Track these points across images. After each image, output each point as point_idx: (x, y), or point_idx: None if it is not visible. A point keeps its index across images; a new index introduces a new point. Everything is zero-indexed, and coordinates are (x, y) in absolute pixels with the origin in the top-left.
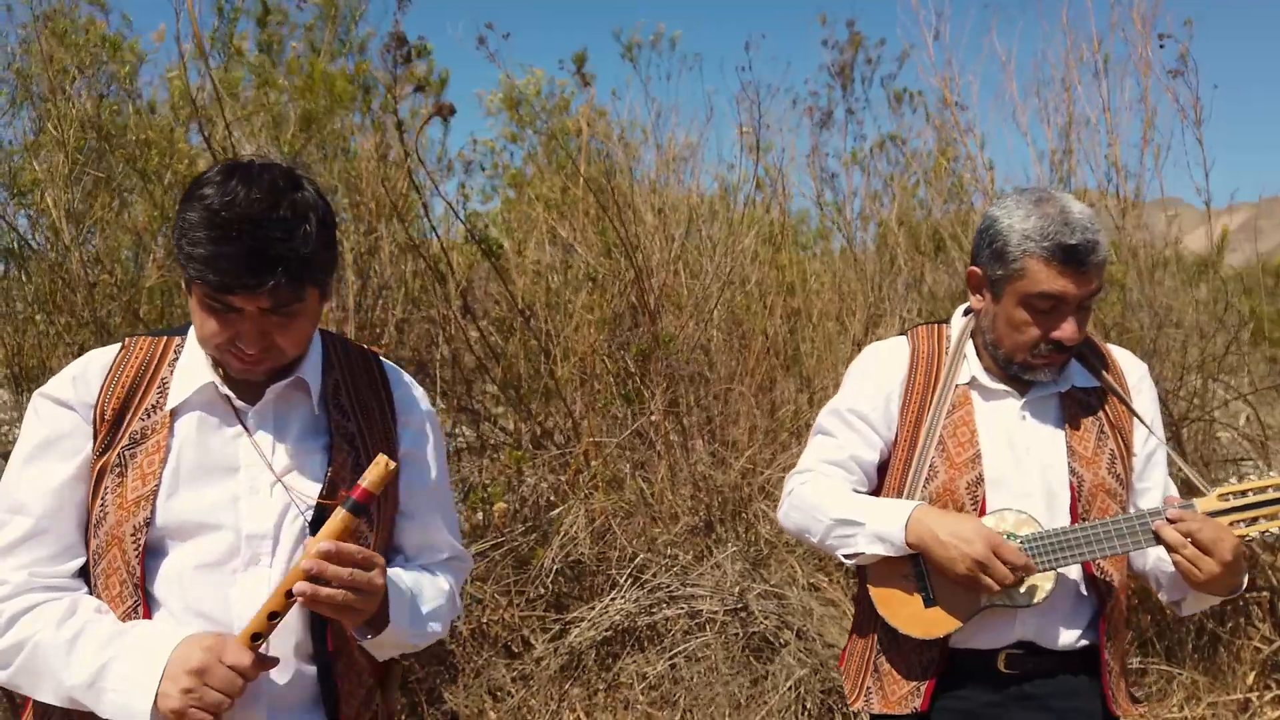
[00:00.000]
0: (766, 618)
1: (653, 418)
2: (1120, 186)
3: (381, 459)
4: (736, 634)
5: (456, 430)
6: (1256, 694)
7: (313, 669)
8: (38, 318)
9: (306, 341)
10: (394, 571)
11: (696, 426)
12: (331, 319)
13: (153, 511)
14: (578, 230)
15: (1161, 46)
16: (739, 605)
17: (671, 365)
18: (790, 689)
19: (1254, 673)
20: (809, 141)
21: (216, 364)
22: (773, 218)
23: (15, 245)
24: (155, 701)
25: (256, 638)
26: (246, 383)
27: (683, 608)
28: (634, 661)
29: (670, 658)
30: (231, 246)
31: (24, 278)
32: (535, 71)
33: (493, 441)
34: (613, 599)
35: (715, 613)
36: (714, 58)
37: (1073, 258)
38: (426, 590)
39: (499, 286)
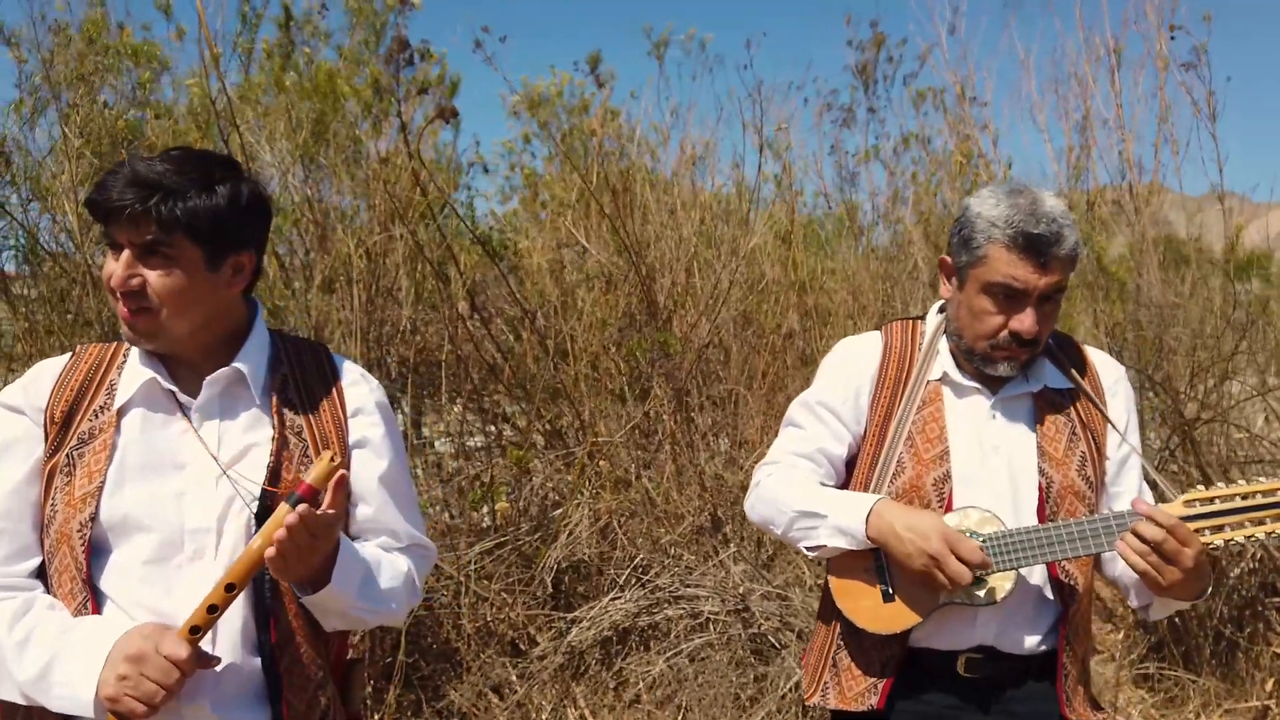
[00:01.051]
0: (767, 619)
1: (664, 418)
2: (1133, 182)
3: (326, 455)
4: (737, 634)
5: (465, 430)
6: (1275, 702)
7: (257, 661)
8: (52, 316)
9: (184, 304)
10: (354, 544)
11: (707, 426)
12: (339, 319)
13: (97, 508)
14: (591, 230)
15: (1173, 38)
16: (740, 606)
17: (666, 365)
18: (791, 690)
19: (1272, 680)
20: (821, 140)
21: (161, 359)
22: (786, 216)
23: (31, 246)
24: (98, 690)
25: (195, 630)
26: (190, 377)
27: (683, 608)
28: (634, 661)
29: (670, 657)
30: (117, 175)
31: (36, 277)
32: (560, 74)
33: (501, 442)
34: (613, 598)
35: (716, 613)
36: (736, 59)
37: (1034, 246)
38: (384, 568)
39: (511, 286)
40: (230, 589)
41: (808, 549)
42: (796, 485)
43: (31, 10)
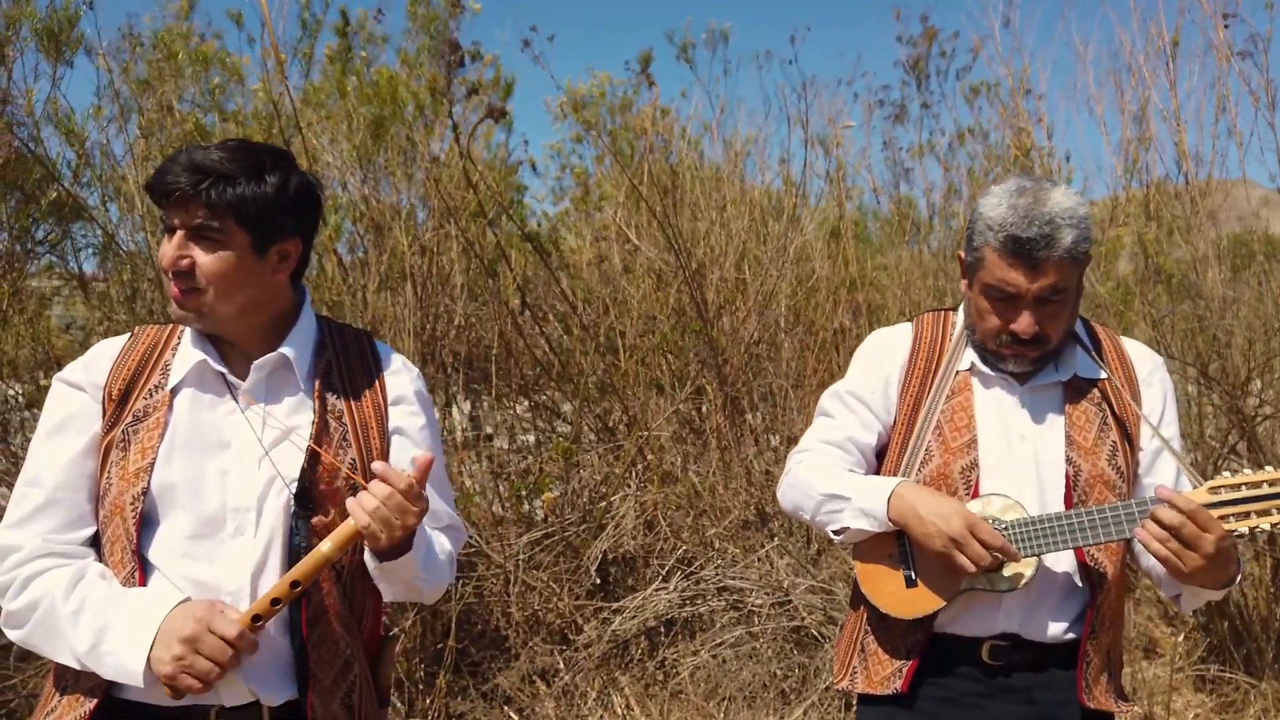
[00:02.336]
0: (811, 612)
1: (711, 413)
2: (1189, 174)
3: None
4: (780, 627)
5: (516, 423)
6: None
7: (287, 637)
8: (125, 312)
9: (229, 286)
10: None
11: (756, 422)
12: (394, 315)
13: (149, 482)
14: (641, 228)
15: (1226, 27)
16: (784, 599)
17: (712, 360)
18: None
19: None
20: (870, 136)
21: (212, 342)
22: (836, 212)
23: (106, 244)
24: (149, 664)
25: (257, 619)
26: (240, 360)
27: (726, 600)
28: (676, 651)
29: (713, 648)
30: (175, 159)
31: (110, 279)
32: (600, 75)
33: (554, 435)
34: (657, 589)
35: (760, 606)
36: (786, 55)
37: (1021, 250)
38: (436, 545)
39: (560, 283)
40: (295, 586)
41: (833, 532)
42: (823, 470)
43: (98, 20)
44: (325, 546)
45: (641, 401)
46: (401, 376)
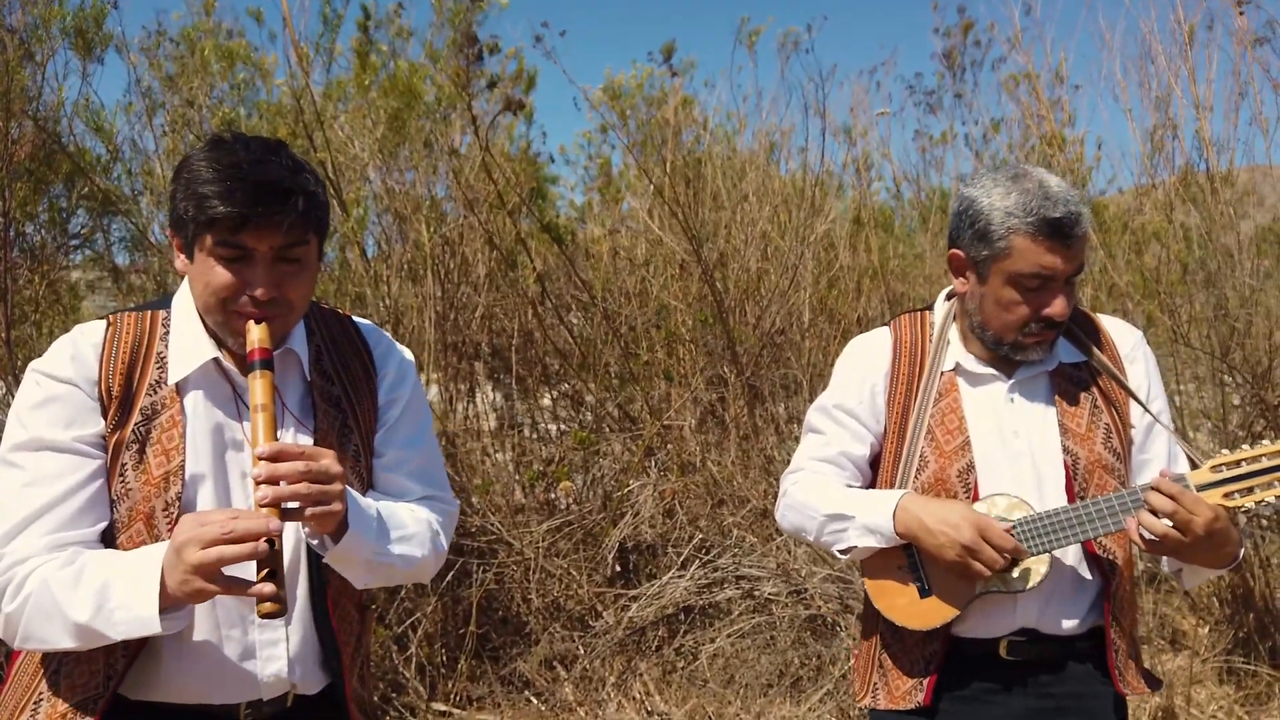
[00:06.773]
0: (827, 601)
1: (730, 403)
2: (1211, 160)
3: (249, 324)
4: (797, 615)
5: (535, 411)
6: None
7: (314, 629)
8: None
9: (308, 300)
10: (365, 497)
11: (778, 412)
12: (417, 304)
13: (182, 486)
14: (664, 219)
15: (1241, 13)
16: (800, 588)
17: (727, 350)
18: (851, 669)
19: None
20: (889, 126)
21: (214, 338)
22: (859, 201)
23: (136, 239)
24: (166, 591)
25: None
26: (245, 357)
27: (741, 588)
28: (693, 638)
29: (730, 635)
30: (244, 180)
31: (146, 272)
32: (641, 67)
33: (571, 425)
34: (674, 577)
35: (776, 594)
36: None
37: (1059, 231)
38: (402, 516)
39: (583, 273)
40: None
41: (840, 552)
42: (822, 490)
43: (127, 16)
44: (259, 417)
45: (662, 391)
46: (386, 350)
